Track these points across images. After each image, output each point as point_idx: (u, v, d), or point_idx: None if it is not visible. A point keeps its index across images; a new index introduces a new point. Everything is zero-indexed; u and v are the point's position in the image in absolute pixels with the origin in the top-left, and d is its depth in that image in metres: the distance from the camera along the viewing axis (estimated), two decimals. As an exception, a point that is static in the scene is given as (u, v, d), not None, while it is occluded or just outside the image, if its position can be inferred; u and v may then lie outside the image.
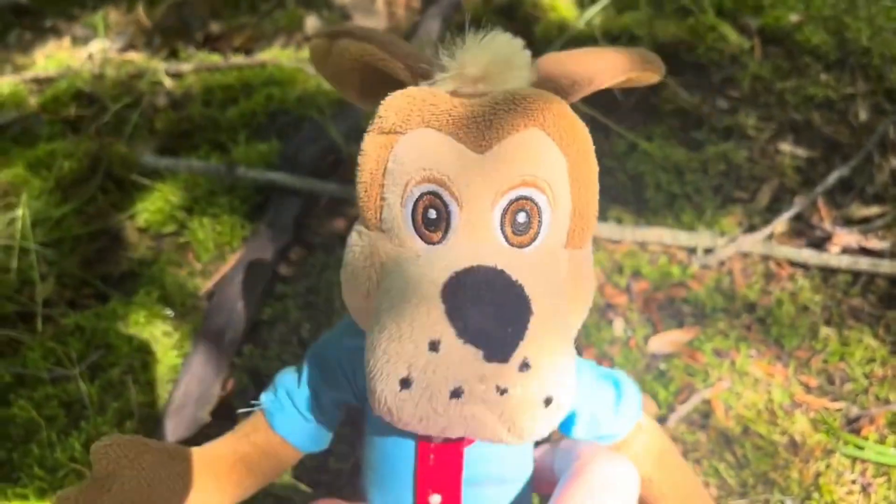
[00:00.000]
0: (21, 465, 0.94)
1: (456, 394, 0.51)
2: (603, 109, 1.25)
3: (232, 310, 1.07)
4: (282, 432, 0.70)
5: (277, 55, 1.57)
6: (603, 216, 1.18)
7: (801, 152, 1.25)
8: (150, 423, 0.97)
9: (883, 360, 0.99)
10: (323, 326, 1.06)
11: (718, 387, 0.99)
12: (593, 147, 0.61)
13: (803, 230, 1.15)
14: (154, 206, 1.23)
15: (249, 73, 1.50)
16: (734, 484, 0.90)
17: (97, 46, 1.72)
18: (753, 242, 1.11)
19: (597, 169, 0.62)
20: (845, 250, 1.11)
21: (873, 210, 1.16)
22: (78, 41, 1.80)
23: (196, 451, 0.68)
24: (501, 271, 0.54)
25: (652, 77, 0.69)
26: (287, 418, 0.70)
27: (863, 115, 1.30)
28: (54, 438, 0.96)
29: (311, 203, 1.23)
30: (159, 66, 1.55)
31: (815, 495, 0.88)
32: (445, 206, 0.58)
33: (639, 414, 0.72)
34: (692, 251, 1.14)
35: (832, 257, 1.09)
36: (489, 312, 0.52)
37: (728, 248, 1.11)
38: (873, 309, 1.05)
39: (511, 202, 0.58)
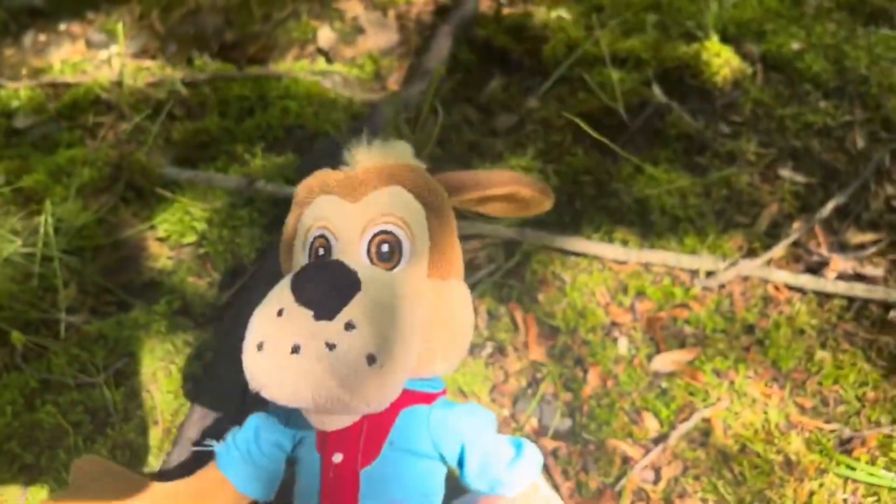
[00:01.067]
0: (48, 470, 0.98)
1: (295, 349, 0.62)
2: (610, 135, 1.29)
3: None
4: (224, 471, 0.79)
5: (292, 68, 1.60)
6: (609, 238, 1.22)
7: (800, 178, 1.30)
8: (174, 431, 1.01)
9: (875, 384, 1.04)
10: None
11: (718, 406, 1.03)
12: (448, 201, 0.76)
13: (801, 255, 1.20)
14: (174, 216, 1.26)
15: (265, 85, 1.53)
16: (732, 500, 0.95)
17: (114, 51, 1.75)
18: (753, 267, 1.16)
19: (453, 217, 0.77)
20: (841, 276, 1.16)
21: (868, 237, 1.21)
22: (93, 46, 1.83)
23: (155, 483, 0.81)
24: (341, 262, 0.68)
25: (543, 199, 0.83)
26: (230, 459, 0.79)
27: (860, 143, 1.35)
28: (81, 444, 1.00)
29: (327, 217, 1.26)
30: (176, 76, 1.58)
31: (809, 513, 0.93)
32: (328, 242, 0.74)
33: (535, 476, 0.74)
34: (694, 273, 1.18)
35: (828, 283, 1.14)
36: (322, 283, 0.65)
37: (729, 271, 1.16)
38: (867, 333, 1.10)
39: (375, 234, 0.72)
